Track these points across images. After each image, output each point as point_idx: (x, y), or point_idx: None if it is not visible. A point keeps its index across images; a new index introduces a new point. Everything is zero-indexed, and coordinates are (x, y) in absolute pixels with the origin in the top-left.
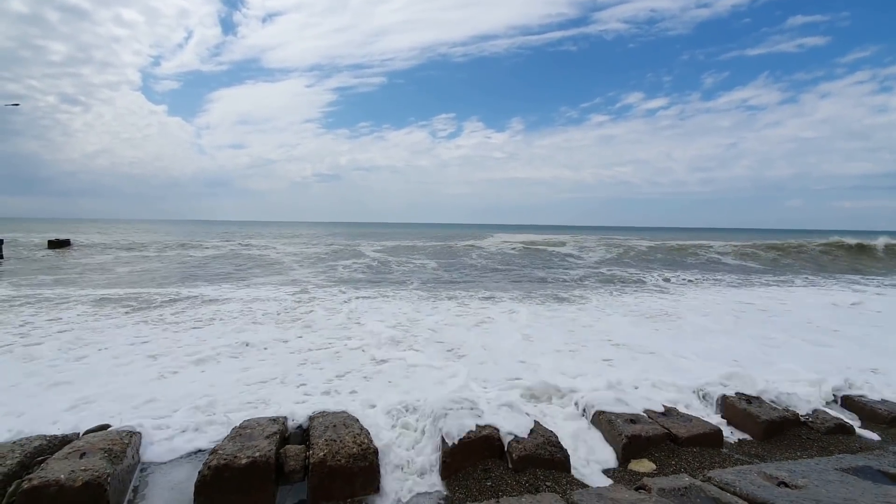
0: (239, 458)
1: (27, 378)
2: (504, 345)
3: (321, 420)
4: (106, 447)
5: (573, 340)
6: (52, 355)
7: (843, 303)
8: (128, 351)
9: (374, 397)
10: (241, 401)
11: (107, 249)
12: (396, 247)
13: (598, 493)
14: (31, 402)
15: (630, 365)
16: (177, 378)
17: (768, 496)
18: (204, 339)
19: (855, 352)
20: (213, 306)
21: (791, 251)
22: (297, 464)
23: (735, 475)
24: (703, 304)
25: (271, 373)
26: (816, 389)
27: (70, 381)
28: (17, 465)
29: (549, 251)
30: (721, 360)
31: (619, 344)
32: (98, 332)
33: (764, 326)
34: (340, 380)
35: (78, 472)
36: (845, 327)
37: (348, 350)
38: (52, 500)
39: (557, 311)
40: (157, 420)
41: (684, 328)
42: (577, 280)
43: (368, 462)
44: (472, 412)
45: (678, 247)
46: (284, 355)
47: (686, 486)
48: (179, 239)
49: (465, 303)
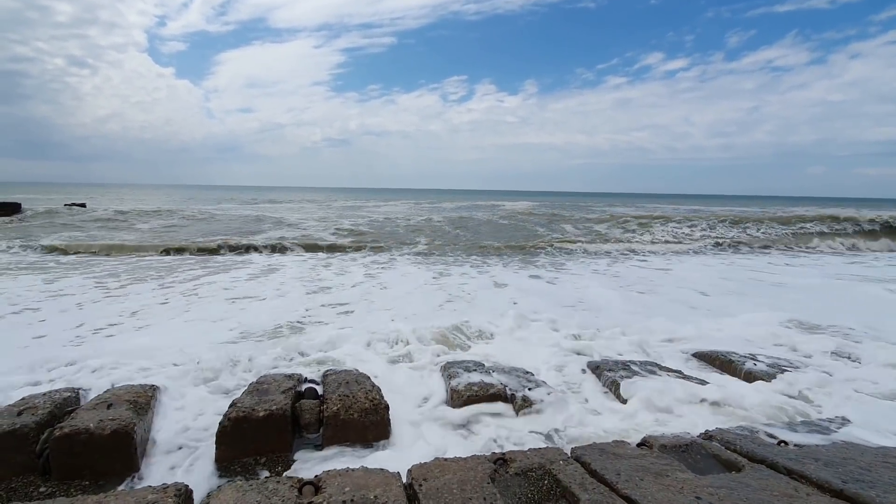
0: (257, 411)
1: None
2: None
3: (334, 377)
4: (131, 399)
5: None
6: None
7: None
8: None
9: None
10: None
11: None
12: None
13: (601, 448)
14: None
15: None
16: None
17: (767, 454)
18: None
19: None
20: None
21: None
22: (311, 417)
23: (736, 434)
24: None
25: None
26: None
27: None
28: (48, 414)
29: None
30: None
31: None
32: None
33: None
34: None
35: (106, 422)
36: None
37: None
38: (82, 447)
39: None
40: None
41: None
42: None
43: (380, 416)
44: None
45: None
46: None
47: (688, 444)
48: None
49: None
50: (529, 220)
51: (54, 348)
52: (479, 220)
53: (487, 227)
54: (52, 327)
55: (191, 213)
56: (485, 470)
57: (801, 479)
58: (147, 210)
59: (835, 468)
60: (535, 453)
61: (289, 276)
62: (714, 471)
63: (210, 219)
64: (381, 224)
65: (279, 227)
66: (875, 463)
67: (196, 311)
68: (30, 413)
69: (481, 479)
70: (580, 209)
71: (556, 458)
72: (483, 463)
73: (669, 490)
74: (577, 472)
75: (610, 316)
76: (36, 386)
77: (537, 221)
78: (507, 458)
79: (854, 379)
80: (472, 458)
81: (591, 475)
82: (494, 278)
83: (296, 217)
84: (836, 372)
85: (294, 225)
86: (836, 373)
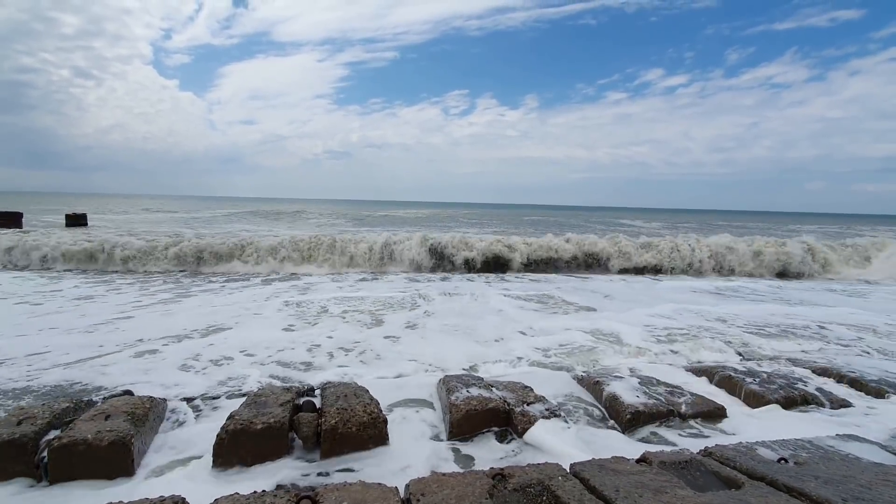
0: (255, 424)
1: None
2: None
3: (333, 390)
4: (129, 410)
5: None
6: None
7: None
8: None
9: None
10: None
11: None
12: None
13: (599, 464)
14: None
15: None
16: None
17: (767, 471)
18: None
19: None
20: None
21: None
22: (309, 430)
23: (736, 450)
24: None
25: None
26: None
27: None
28: (47, 424)
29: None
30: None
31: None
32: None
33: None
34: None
35: (104, 433)
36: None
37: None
38: (80, 457)
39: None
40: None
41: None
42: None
43: (378, 430)
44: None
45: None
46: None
47: (687, 460)
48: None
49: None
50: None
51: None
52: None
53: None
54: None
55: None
56: (483, 485)
57: (801, 497)
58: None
59: (835, 486)
60: (534, 469)
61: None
62: (713, 488)
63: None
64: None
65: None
66: (875, 481)
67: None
68: (29, 423)
69: (479, 495)
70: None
71: (555, 473)
72: (481, 478)
73: None
74: (575, 488)
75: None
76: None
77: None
78: (505, 473)
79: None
80: (470, 474)
81: (590, 491)
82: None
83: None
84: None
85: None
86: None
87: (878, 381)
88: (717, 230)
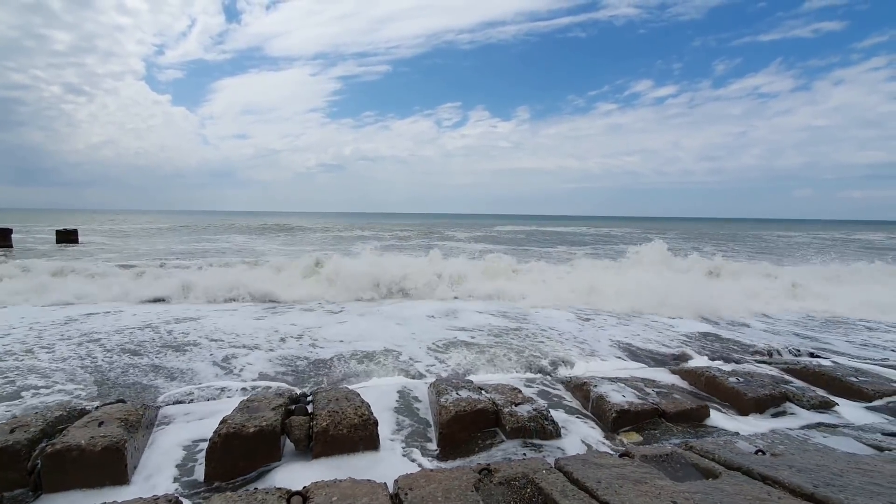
0: (247, 427)
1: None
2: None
3: (324, 394)
4: (122, 417)
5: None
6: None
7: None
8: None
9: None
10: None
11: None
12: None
13: (583, 458)
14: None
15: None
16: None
17: (744, 461)
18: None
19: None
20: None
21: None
22: (301, 433)
23: (714, 444)
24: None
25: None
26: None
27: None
28: (40, 432)
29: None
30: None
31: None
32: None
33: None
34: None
35: (97, 439)
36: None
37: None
38: (73, 463)
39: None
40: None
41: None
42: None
43: (368, 431)
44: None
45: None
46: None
47: (668, 453)
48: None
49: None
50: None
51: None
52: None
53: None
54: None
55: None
56: (469, 479)
57: (775, 485)
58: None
59: (808, 474)
60: (519, 463)
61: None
62: (692, 478)
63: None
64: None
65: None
66: (847, 469)
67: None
68: (22, 430)
69: (465, 488)
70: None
71: (540, 467)
72: (468, 473)
73: (647, 496)
74: (558, 480)
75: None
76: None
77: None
78: (491, 468)
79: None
80: (457, 469)
81: (573, 483)
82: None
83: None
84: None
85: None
86: None
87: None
88: (703, 238)
